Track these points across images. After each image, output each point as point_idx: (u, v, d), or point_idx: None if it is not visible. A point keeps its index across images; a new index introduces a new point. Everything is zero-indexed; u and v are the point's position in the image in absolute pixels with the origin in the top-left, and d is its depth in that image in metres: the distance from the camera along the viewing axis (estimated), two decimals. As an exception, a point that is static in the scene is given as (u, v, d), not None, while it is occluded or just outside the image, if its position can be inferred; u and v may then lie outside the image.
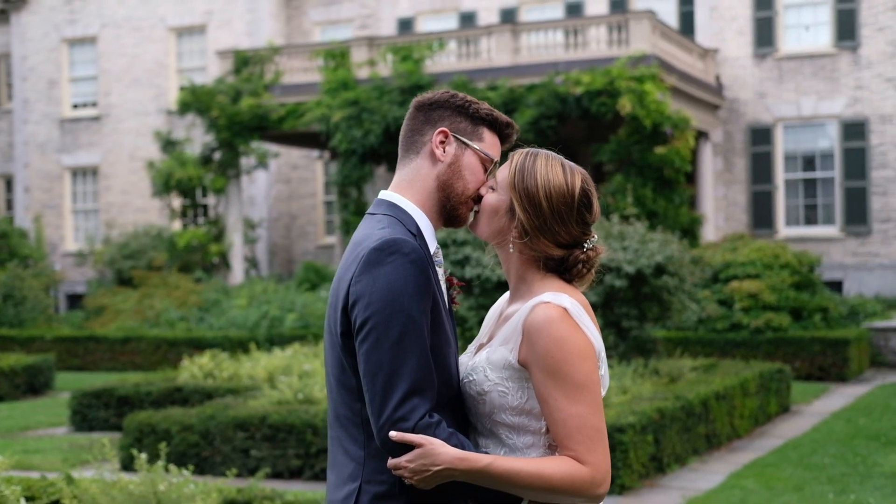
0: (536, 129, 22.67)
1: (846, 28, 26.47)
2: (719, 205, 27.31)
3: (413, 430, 2.78)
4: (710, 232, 25.87)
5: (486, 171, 3.06)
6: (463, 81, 23.65)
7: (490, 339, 3.04)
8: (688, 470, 10.99)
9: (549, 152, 3.01)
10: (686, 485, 10.27)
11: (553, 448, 2.90)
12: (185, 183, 26.41)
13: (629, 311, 13.61)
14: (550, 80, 22.73)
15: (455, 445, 2.81)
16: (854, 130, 26.26)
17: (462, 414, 3.03)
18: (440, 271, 3.01)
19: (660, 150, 22.12)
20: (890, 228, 25.91)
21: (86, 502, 5.78)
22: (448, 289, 3.10)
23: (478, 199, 3.06)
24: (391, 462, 2.80)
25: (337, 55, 25.88)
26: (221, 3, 32.06)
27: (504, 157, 3.09)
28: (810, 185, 26.75)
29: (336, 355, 2.95)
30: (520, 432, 2.93)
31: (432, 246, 3.00)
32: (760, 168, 27.11)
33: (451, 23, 30.74)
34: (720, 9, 27.61)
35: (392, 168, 26.65)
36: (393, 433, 2.77)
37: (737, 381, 13.04)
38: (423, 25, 31.10)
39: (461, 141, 3.03)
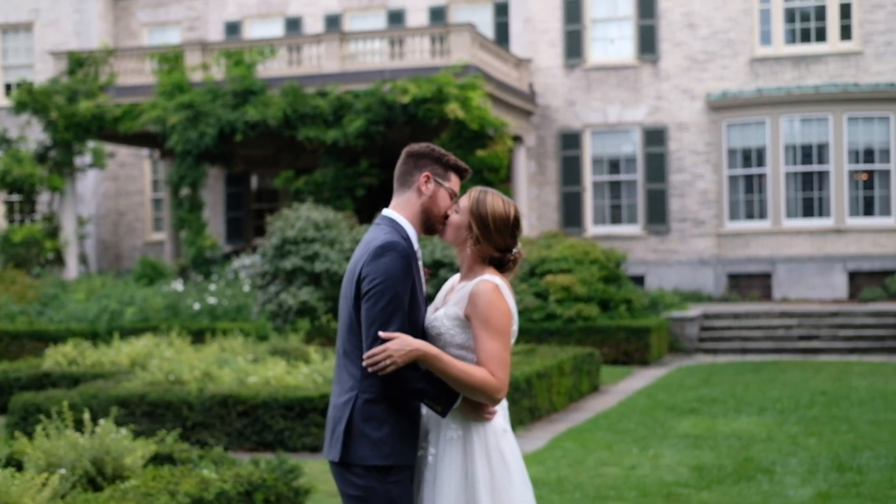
0: (366, 135, 24.10)
1: (647, 42, 28.67)
2: (532, 205, 29.22)
3: None
4: (524, 229, 27.64)
5: (451, 199, 4.64)
6: (294, 87, 24.75)
7: (445, 303, 4.65)
8: (515, 437, 12.66)
9: (495, 190, 4.63)
10: (516, 448, 11.93)
11: None
12: (23, 180, 26.92)
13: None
14: (378, 88, 24.11)
15: (415, 367, 4.40)
16: (655, 137, 28.50)
17: None
18: (420, 263, 4.60)
19: (481, 153, 23.83)
20: (686, 228, 28.25)
21: (46, 453, 7.00)
22: (423, 274, 4.69)
23: (445, 217, 4.64)
24: (379, 348, 4.31)
25: (171, 58, 26.70)
26: (48, 2, 32.47)
27: (462, 189, 4.61)
28: (616, 187, 28.90)
29: (348, 311, 4.53)
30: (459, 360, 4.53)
31: (416, 246, 4.58)
32: (570, 171, 29.13)
33: (277, 27, 31.83)
34: (533, 21, 29.48)
35: (225, 166, 27.70)
36: (380, 332, 4.33)
37: (554, 362, 14.82)
38: (250, 29, 32.13)
39: (437, 182, 4.62)
